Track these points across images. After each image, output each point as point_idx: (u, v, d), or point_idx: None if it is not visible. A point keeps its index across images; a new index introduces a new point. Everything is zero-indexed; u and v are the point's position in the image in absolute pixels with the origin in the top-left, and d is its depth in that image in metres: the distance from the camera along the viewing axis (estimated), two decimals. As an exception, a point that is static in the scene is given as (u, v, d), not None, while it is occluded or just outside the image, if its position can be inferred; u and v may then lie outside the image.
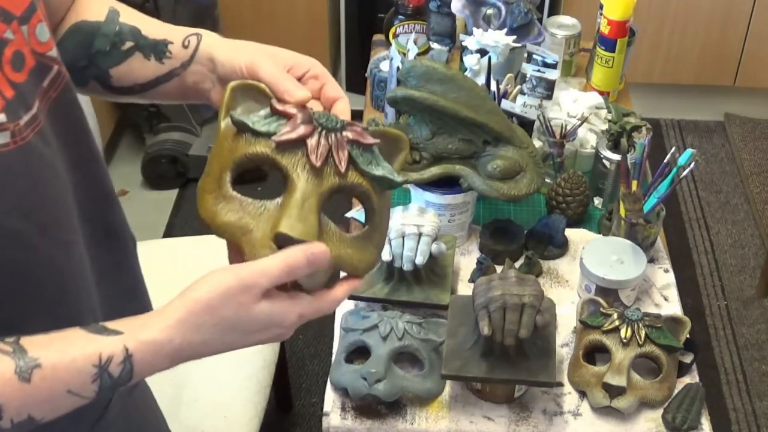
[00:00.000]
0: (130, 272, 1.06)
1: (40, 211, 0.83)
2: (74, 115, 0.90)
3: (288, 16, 3.04)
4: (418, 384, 1.33)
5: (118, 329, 0.79)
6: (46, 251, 0.84)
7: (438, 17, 1.99)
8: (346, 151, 0.85)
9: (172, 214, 2.84)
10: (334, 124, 0.85)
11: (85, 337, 0.78)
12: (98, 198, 0.96)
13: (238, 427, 1.58)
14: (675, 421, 1.30)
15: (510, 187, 1.48)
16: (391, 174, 0.88)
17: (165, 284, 1.78)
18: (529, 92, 1.75)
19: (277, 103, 0.87)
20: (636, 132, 1.61)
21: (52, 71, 0.86)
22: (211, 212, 0.86)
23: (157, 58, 0.97)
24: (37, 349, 0.76)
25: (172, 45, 0.97)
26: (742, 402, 2.34)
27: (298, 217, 0.82)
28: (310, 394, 2.29)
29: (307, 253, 0.80)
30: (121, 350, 0.77)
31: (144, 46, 0.97)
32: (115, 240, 1.01)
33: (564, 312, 1.46)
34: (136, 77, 0.98)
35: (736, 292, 2.64)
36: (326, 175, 0.84)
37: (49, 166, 0.84)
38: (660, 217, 1.52)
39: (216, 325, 0.79)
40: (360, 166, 0.86)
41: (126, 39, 0.97)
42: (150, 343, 0.78)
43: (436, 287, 1.44)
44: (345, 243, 0.86)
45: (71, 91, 0.90)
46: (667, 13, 3.02)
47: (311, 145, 0.84)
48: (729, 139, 3.22)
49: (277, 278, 0.80)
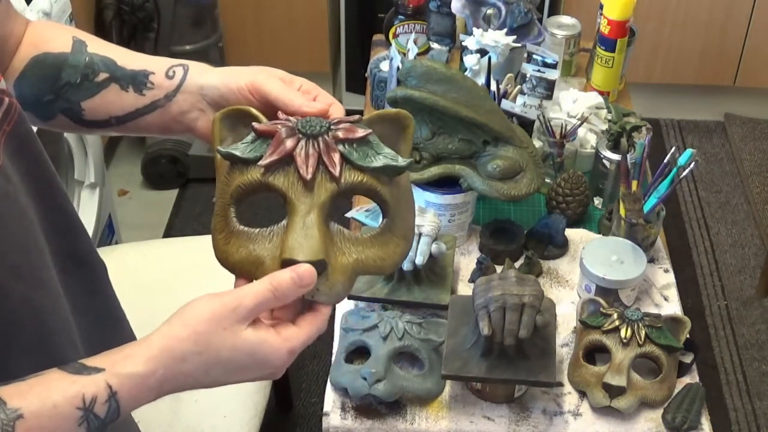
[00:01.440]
0: (103, 298, 1.02)
1: (10, 254, 0.80)
2: (31, 147, 0.87)
3: (288, 16, 3.04)
4: (418, 384, 1.33)
5: (98, 366, 0.76)
6: (21, 293, 0.81)
7: (438, 17, 1.99)
8: (338, 153, 0.82)
9: (172, 214, 2.84)
10: (318, 129, 0.82)
11: (66, 379, 0.75)
12: (64, 228, 0.92)
13: (238, 427, 1.57)
14: (675, 421, 1.30)
15: (510, 187, 1.48)
16: (393, 159, 0.84)
17: (165, 284, 1.79)
18: (529, 92, 1.75)
19: (258, 123, 0.84)
20: (636, 132, 1.61)
21: (4, 104, 0.82)
22: (224, 253, 0.84)
23: (137, 90, 0.93)
24: (17, 398, 0.72)
25: (153, 75, 0.93)
26: (742, 402, 2.34)
27: (300, 238, 0.80)
28: (310, 394, 2.29)
29: (292, 275, 0.78)
30: (104, 388, 0.75)
31: (120, 77, 0.94)
32: (85, 267, 0.97)
33: (564, 312, 1.46)
34: (112, 110, 0.94)
35: (736, 292, 2.64)
36: (321, 185, 0.82)
37: (14, 204, 0.81)
38: (660, 217, 1.52)
39: (201, 354, 0.77)
40: (356, 163, 0.82)
41: (99, 70, 0.94)
42: (133, 376, 0.75)
43: (436, 287, 1.44)
44: (363, 245, 0.84)
45: (25, 122, 0.86)
46: (667, 13, 3.02)
47: (299, 158, 0.81)
48: (729, 139, 3.22)
49: (263, 299, 0.77)
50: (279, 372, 0.81)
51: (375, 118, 0.87)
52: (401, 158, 0.85)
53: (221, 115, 0.87)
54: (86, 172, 2.24)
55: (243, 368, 0.79)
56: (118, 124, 0.96)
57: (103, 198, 2.30)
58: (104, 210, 2.32)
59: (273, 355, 0.79)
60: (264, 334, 0.78)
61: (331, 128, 0.83)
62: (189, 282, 1.76)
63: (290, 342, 0.80)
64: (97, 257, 1.01)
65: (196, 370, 0.77)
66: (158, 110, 0.94)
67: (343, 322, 1.42)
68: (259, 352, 0.78)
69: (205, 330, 0.76)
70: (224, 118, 0.87)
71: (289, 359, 0.80)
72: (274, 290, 0.77)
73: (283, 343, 0.79)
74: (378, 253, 0.84)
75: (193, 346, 0.76)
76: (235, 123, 0.87)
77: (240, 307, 0.77)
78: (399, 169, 0.84)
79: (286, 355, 0.79)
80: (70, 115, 0.96)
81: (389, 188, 0.85)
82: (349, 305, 1.46)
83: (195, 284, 1.75)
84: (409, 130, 0.88)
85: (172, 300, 1.86)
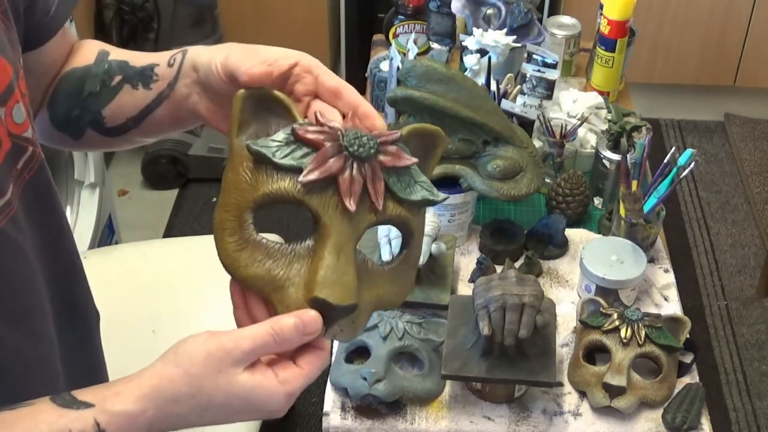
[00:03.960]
0: (93, 349, 1.01)
1: (9, 302, 0.79)
2: (47, 196, 0.87)
3: (288, 16, 3.04)
4: (418, 384, 1.33)
5: (88, 401, 0.74)
6: (13, 342, 0.80)
7: (438, 17, 1.99)
8: (383, 183, 0.75)
9: (172, 214, 2.84)
10: (368, 151, 0.74)
11: (54, 412, 0.73)
12: (66, 276, 0.91)
13: (238, 427, 1.57)
14: (675, 421, 1.30)
15: (510, 187, 1.48)
16: (430, 192, 0.78)
17: (165, 284, 1.79)
18: (529, 92, 1.75)
19: (300, 127, 0.75)
20: (636, 132, 1.61)
21: (27, 152, 0.82)
22: (234, 261, 0.76)
23: (145, 85, 0.91)
24: (4, 428, 0.71)
25: (158, 67, 0.91)
26: (742, 402, 2.34)
27: (334, 275, 0.73)
28: (310, 394, 2.29)
29: (296, 321, 0.73)
30: (92, 426, 0.72)
31: (131, 76, 0.92)
32: (80, 317, 0.96)
33: (564, 312, 1.46)
34: (127, 111, 0.92)
35: (736, 292, 2.64)
36: (361, 215, 0.74)
37: (20, 253, 0.80)
38: (660, 217, 1.52)
39: (193, 398, 0.73)
40: (398, 195, 0.76)
41: (114, 74, 0.92)
42: (122, 414, 0.73)
43: (436, 287, 1.44)
44: (384, 280, 0.78)
45: (45, 170, 0.85)
46: (667, 13, 3.02)
47: (343, 184, 0.73)
48: (729, 139, 3.22)
49: (262, 343, 0.73)
50: (279, 413, 0.77)
51: (412, 133, 0.80)
52: (436, 190, 0.79)
53: (242, 95, 0.77)
54: (86, 172, 2.24)
55: (239, 412, 0.76)
56: (135, 126, 0.93)
57: (103, 198, 2.30)
58: (104, 210, 2.32)
59: (270, 400, 0.75)
60: (260, 379, 0.74)
61: (379, 149, 0.75)
62: (189, 282, 1.76)
63: (288, 385, 0.75)
64: (93, 307, 1.00)
65: (189, 412, 0.74)
66: (164, 102, 0.91)
67: (343, 322, 1.42)
68: (254, 397, 0.74)
69: (199, 372, 0.73)
70: (246, 98, 0.77)
71: (288, 402, 0.76)
72: (275, 335, 0.73)
73: (280, 387, 0.75)
74: (395, 288, 0.79)
75: (186, 388, 0.73)
76: (259, 107, 0.78)
77: (236, 350, 0.73)
78: (435, 203, 0.79)
79: (284, 398, 0.75)
80: (95, 127, 0.94)
81: (417, 219, 0.79)
82: (349, 305, 1.46)
83: (195, 284, 1.76)
84: (440, 149, 0.82)
85: (172, 300, 1.87)
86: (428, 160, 0.82)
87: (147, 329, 1.64)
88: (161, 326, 1.65)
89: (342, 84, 0.82)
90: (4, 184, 0.78)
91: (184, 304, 1.69)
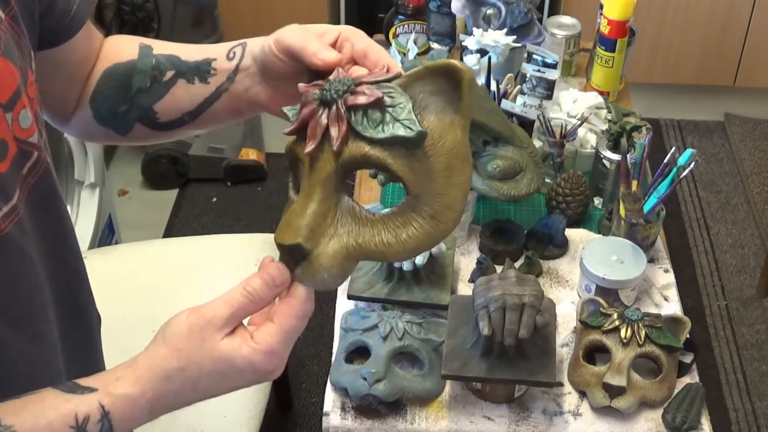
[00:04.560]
0: (93, 352, 1.02)
1: (14, 305, 0.80)
2: (52, 201, 0.87)
3: (288, 16, 3.03)
4: (418, 384, 1.33)
5: (91, 386, 0.76)
6: (18, 345, 0.81)
7: (438, 17, 1.99)
8: (344, 122, 0.72)
9: (172, 214, 2.84)
10: (334, 93, 0.73)
11: (59, 398, 0.75)
12: (69, 280, 0.92)
13: (238, 427, 1.57)
14: (675, 421, 1.30)
15: (510, 187, 1.48)
16: (404, 129, 0.71)
17: (165, 284, 1.79)
18: (529, 92, 1.75)
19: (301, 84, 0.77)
20: (636, 132, 1.61)
21: (32, 157, 0.82)
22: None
23: (202, 80, 0.92)
24: (11, 415, 0.73)
25: (215, 61, 0.92)
26: (742, 402, 2.34)
27: (291, 218, 0.74)
28: (310, 394, 2.29)
29: (263, 275, 0.75)
30: (97, 408, 0.74)
31: (186, 72, 0.92)
32: (82, 320, 0.97)
33: (564, 312, 1.46)
34: (183, 106, 0.93)
35: (736, 292, 2.64)
36: (324, 159, 0.73)
37: (26, 257, 0.81)
38: (660, 217, 1.52)
39: (184, 371, 0.75)
40: (362, 134, 0.72)
41: (165, 69, 0.93)
42: (124, 397, 0.75)
43: (436, 287, 1.44)
44: (372, 226, 0.75)
45: (50, 175, 0.86)
46: (667, 13, 3.02)
47: (309, 129, 0.74)
48: (729, 139, 3.22)
49: (239, 305, 0.75)
50: (272, 374, 0.77)
51: (422, 72, 0.74)
52: (417, 126, 0.72)
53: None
54: (86, 172, 2.24)
55: (229, 377, 0.76)
56: (191, 120, 0.94)
57: (103, 198, 2.30)
58: (104, 210, 2.32)
59: (253, 360, 0.75)
60: (238, 341, 0.75)
61: (349, 90, 0.73)
62: (189, 282, 1.76)
63: (263, 344, 0.75)
64: (94, 309, 1.01)
65: (182, 386, 0.76)
66: (224, 95, 0.92)
67: (343, 322, 1.42)
68: (237, 360, 0.75)
69: (185, 345, 0.75)
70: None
71: (271, 360, 0.76)
72: (249, 295, 0.75)
73: (256, 347, 0.75)
74: (385, 236, 0.74)
75: (175, 362, 0.75)
76: None
77: (215, 318, 0.75)
78: (408, 140, 0.72)
79: (264, 357, 0.75)
80: (145, 122, 0.95)
81: (407, 161, 0.73)
82: (349, 305, 1.46)
83: (195, 284, 1.76)
84: (464, 83, 0.73)
85: (172, 300, 1.87)
86: (455, 100, 0.74)
87: (147, 329, 1.62)
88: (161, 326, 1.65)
89: (369, 45, 0.83)
90: (10, 188, 0.78)
91: (184, 304, 1.68)
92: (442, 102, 0.74)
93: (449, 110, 0.74)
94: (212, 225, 2.75)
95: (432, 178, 0.74)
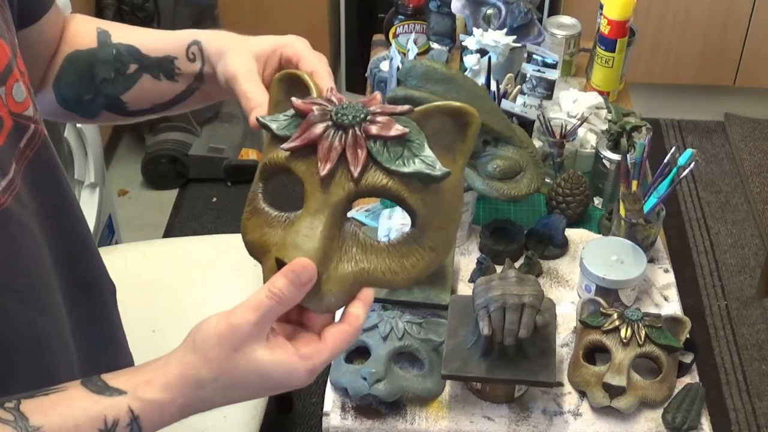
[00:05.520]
0: (107, 322, 1.02)
1: (18, 278, 0.80)
2: (52, 174, 0.87)
3: (288, 16, 3.04)
4: (418, 384, 1.33)
5: (120, 388, 0.75)
6: (24, 316, 0.81)
7: (438, 17, 1.99)
8: (364, 151, 0.73)
9: (172, 214, 2.84)
10: (352, 119, 0.74)
11: (88, 398, 0.74)
12: (74, 251, 0.92)
13: (238, 427, 1.57)
14: (675, 421, 1.30)
15: (510, 187, 1.48)
16: (429, 166, 0.73)
17: (165, 284, 1.79)
18: (529, 92, 1.75)
19: (297, 99, 0.77)
20: (636, 132, 1.61)
21: (29, 131, 0.82)
22: (243, 227, 0.80)
23: (168, 77, 0.92)
24: (39, 415, 0.72)
25: (177, 60, 0.92)
26: (742, 402, 2.34)
27: (299, 238, 0.73)
28: (310, 394, 2.29)
29: (288, 274, 0.72)
30: (126, 412, 0.74)
31: (149, 66, 0.93)
32: (93, 291, 0.97)
33: (564, 312, 1.46)
34: (154, 98, 0.94)
35: (736, 292, 2.64)
36: (339, 182, 0.74)
37: (27, 229, 0.81)
38: (660, 217, 1.52)
39: (216, 381, 0.74)
40: (384, 165, 0.73)
41: (128, 62, 0.93)
42: (154, 402, 0.74)
43: (436, 287, 1.44)
44: (377, 254, 0.76)
45: (48, 148, 0.86)
46: (667, 13, 3.02)
47: (321, 150, 0.73)
48: (729, 139, 3.22)
49: (267, 309, 0.72)
50: (303, 386, 0.77)
51: (433, 110, 0.77)
52: (439, 165, 0.74)
53: (278, 77, 0.82)
54: (86, 172, 2.24)
55: (262, 388, 0.76)
56: (164, 110, 0.96)
57: (103, 198, 2.30)
58: (104, 210, 2.32)
59: (291, 375, 0.74)
60: (280, 355, 0.74)
61: (367, 119, 0.74)
62: (189, 282, 1.76)
63: (310, 361, 0.74)
64: (107, 280, 1.01)
65: (213, 394, 0.76)
66: (197, 92, 0.93)
67: (343, 322, 1.42)
68: (274, 373, 0.74)
69: (217, 355, 0.73)
70: (281, 80, 0.81)
71: (310, 377, 0.75)
72: (275, 296, 0.72)
73: (300, 363, 0.74)
74: (391, 265, 0.76)
75: (207, 372, 0.74)
76: (291, 87, 0.81)
77: (244, 324, 0.72)
78: (432, 178, 0.74)
79: (305, 374, 0.75)
80: (114, 110, 0.96)
81: (421, 195, 0.75)
82: (349, 305, 1.46)
83: (195, 284, 1.76)
84: (472, 128, 0.77)
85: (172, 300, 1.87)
86: (458, 141, 0.77)
87: (147, 329, 1.64)
88: (161, 326, 1.65)
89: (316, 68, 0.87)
90: (6, 163, 0.79)
91: (184, 304, 1.69)
92: (448, 140, 0.77)
93: (452, 149, 0.78)
94: (212, 225, 2.75)
95: (434, 214, 0.77)
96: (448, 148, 0.77)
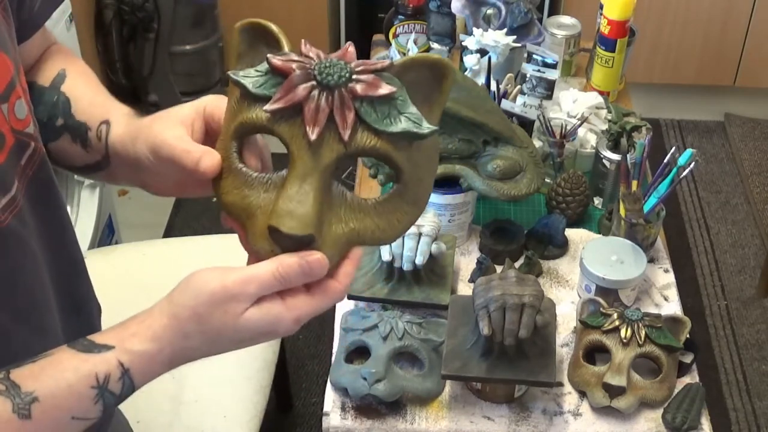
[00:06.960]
0: None
1: (17, 297, 0.80)
2: (50, 191, 0.87)
3: (288, 16, 3.04)
4: (418, 384, 1.33)
5: (107, 343, 0.75)
6: (21, 337, 0.81)
7: (438, 17, 1.99)
8: (352, 112, 0.72)
9: (172, 214, 2.84)
10: (338, 79, 0.72)
11: (77, 358, 0.74)
12: (68, 270, 0.92)
13: (238, 427, 1.57)
14: (675, 421, 1.30)
15: (510, 187, 1.48)
16: (416, 124, 0.73)
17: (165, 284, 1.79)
18: (529, 92, 1.75)
19: (275, 56, 0.74)
20: (636, 132, 1.61)
21: (30, 148, 0.82)
22: (219, 188, 0.77)
23: (83, 145, 0.89)
24: (30, 381, 0.72)
25: (90, 132, 0.88)
26: (742, 402, 2.34)
27: (292, 204, 0.72)
28: (310, 394, 2.29)
29: (302, 263, 0.73)
30: (116, 366, 0.74)
31: (71, 127, 0.89)
32: (83, 311, 0.97)
33: (564, 312, 1.46)
34: (70, 159, 0.90)
35: (736, 292, 2.64)
36: (328, 144, 0.72)
37: (26, 248, 0.81)
38: (660, 217, 1.52)
39: (203, 333, 0.75)
40: (372, 126, 0.72)
41: (59, 114, 0.90)
42: (143, 353, 0.75)
43: (436, 287, 1.44)
44: (365, 213, 0.76)
45: (47, 165, 0.85)
46: (667, 13, 3.02)
47: (308, 112, 0.72)
48: (729, 139, 3.22)
49: (268, 286, 0.73)
50: (288, 334, 0.78)
51: (409, 63, 0.75)
52: (425, 123, 0.74)
53: (240, 27, 0.79)
54: (86, 172, 2.23)
55: (249, 340, 0.77)
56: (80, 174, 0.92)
57: (103, 198, 2.30)
58: (104, 210, 2.32)
59: (278, 324, 0.75)
60: (267, 307, 0.74)
61: (352, 78, 0.72)
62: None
63: (296, 311, 0.75)
64: (94, 300, 1.00)
65: (200, 344, 0.76)
66: (106, 169, 0.89)
67: (343, 322, 1.42)
68: (262, 325, 0.75)
69: (206, 311, 0.74)
70: (243, 31, 0.79)
71: (294, 327, 0.76)
72: (281, 278, 0.73)
73: (287, 313, 0.75)
74: (379, 223, 0.76)
75: (194, 325, 0.74)
76: (255, 39, 0.79)
77: (241, 294, 0.73)
78: (419, 136, 0.73)
79: (292, 323, 0.75)
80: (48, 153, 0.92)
81: (407, 153, 0.75)
82: (349, 305, 1.46)
83: (195, 284, 1.76)
84: (448, 80, 0.76)
85: (172, 300, 1.84)
86: (434, 93, 0.77)
87: (147, 329, 1.63)
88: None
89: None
90: (9, 180, 0.78)
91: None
92: (425, 92, 0.76)
93: (429, 100, 0.77)
94: (212, 225, 2.75)
95: (417, 169, 0.77)
96: (425, 99, 0.76)
